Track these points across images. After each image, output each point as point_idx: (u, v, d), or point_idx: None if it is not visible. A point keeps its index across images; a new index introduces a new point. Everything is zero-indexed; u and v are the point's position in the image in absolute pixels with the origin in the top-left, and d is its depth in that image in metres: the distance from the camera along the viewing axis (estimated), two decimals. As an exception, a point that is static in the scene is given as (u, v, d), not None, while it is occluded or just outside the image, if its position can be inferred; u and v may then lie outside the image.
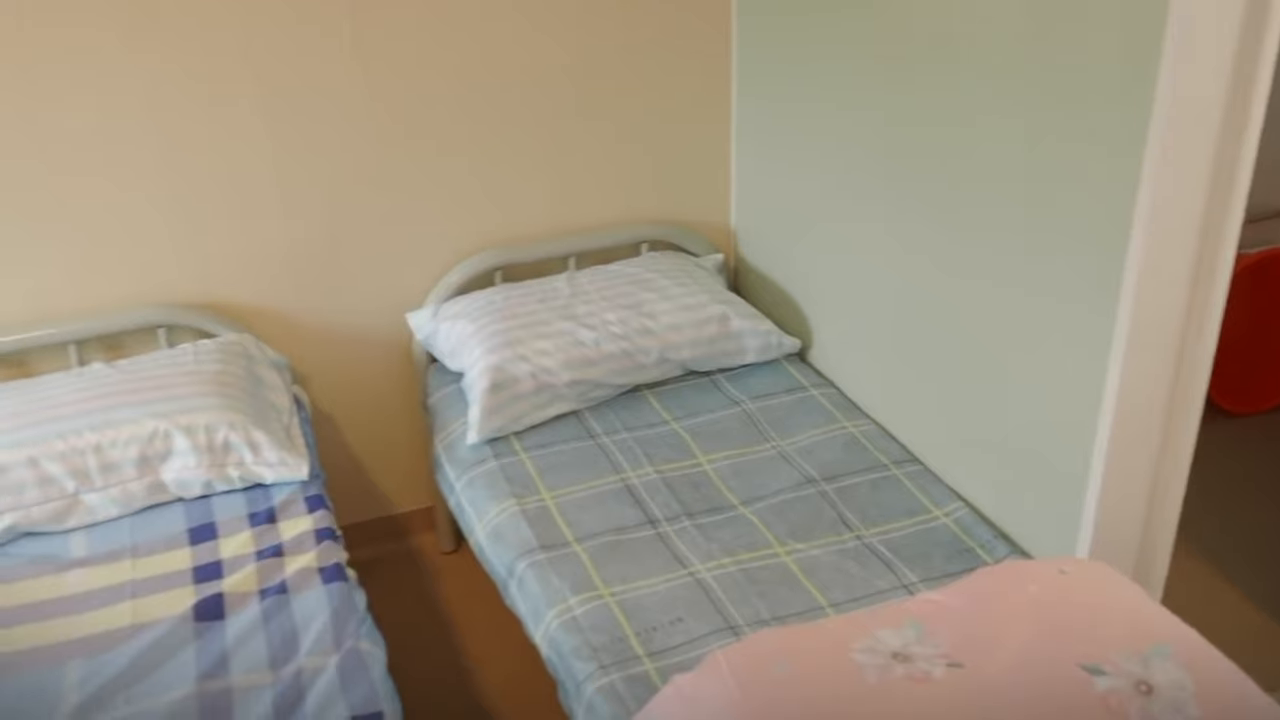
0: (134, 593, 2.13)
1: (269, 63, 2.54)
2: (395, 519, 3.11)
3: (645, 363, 2.66)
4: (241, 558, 2.20)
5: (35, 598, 2.13)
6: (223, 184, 2.60)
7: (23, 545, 2.27)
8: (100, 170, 2.50)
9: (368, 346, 2.89)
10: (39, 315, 2.57)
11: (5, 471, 2.25)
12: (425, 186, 2.77)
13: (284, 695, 1.88)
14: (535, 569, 2.17)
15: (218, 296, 2.70)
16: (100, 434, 2.32)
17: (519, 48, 2.73)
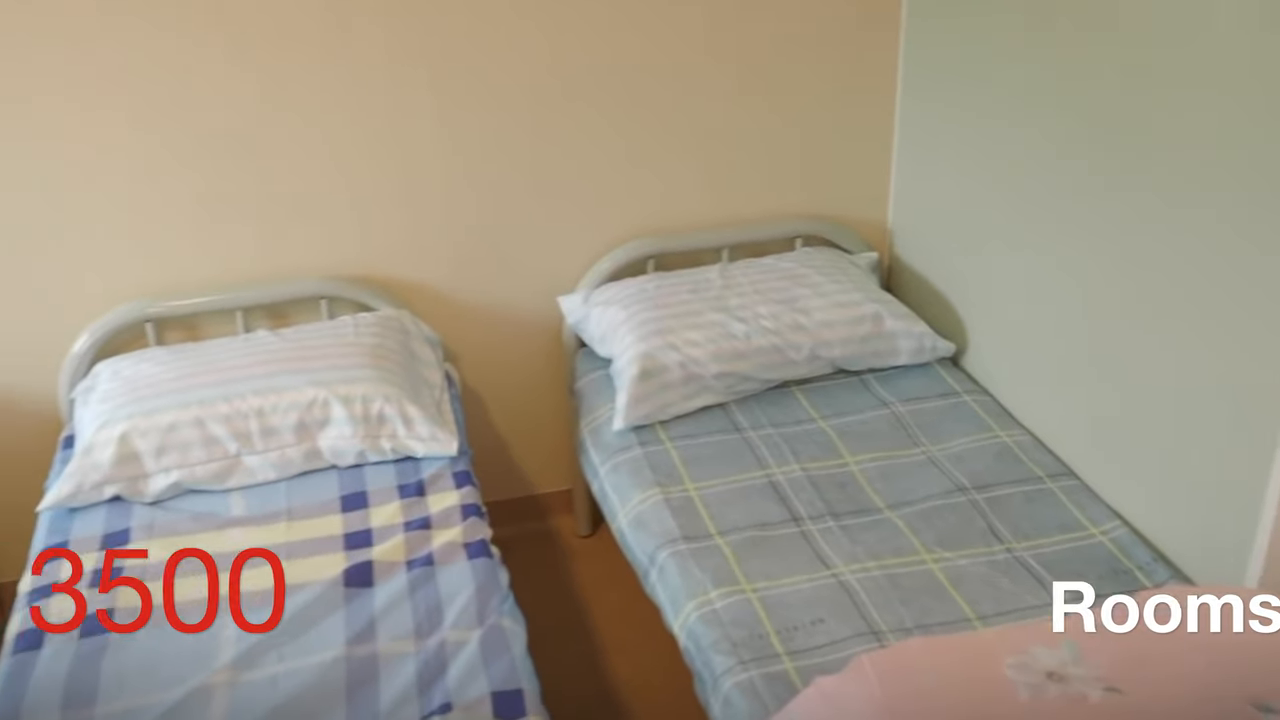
0: (288, 554, 2.20)
1: (442, 49, 2.58)
2: (534, 499, 3.15)
3: (795, 359, 2.63)
4: (390, 528, 2.25)
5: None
6: (392, 164, 2.66)
7: (187, 501, 2.36)
8: (278, 148, 2.59)
9: (518, 328, 2.92)
10: (211, 282, 2.67)
11: (174, 430, 2.34)
12: (583, 172, 2.79)
13: (427, 665, 1.92)
14: (677, 559, 2.17)
15: (378, 271, 2.76)
16: (263, 399, 2.39)
17: (684, 33, 2.72)
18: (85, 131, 2.48)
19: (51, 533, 2.28)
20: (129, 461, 2.32)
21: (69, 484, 2.31)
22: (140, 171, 2.54)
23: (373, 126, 2.62)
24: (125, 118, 2.48)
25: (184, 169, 2.56)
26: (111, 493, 2.33)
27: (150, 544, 2.23)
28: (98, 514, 2.31)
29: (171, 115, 2.50)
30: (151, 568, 2.16)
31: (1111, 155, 2.19)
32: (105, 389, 2.47)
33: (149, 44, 2.44)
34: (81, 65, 2.42)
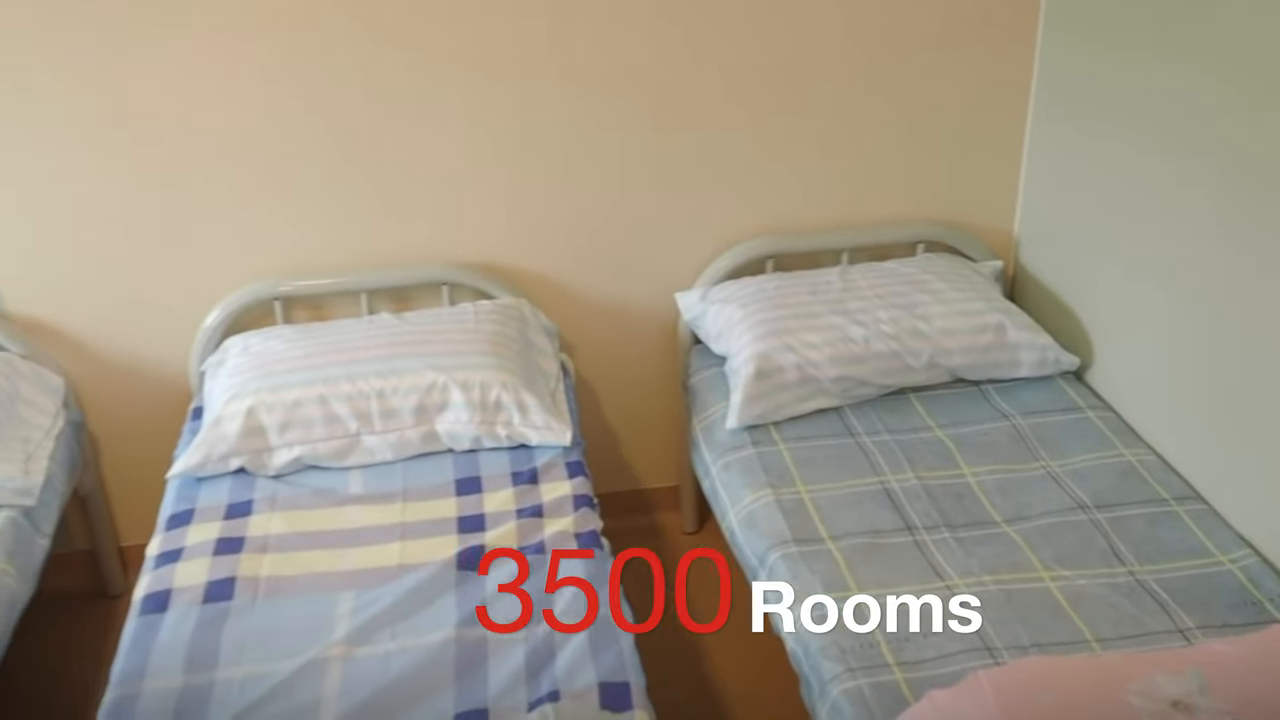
0: (403, 534, 2.24)
1: (572, 42, 2.60)
2: (642, 494, 3.16)
3: (914, 365, 2.59)
4: (503, 514, 2.28)
5: (316, 527, 2.26)
6: (518, 155, 2.69)
7: (307, 477, 2.41)
8: (407, 137, 2.63)
9: (633, 321, 2.93)
10: (337, 264, 2.73)
11: (299, 407, 2.40)
12: (706, 168, 2.78)
13: (536, 653, 1.93)
14: (787, 561, 2.15)
15: (499, 260, 2.80)
16: (384, 380, 2.44)
17: (815, 29, 2.69)
18: (226, 116, 2.55)
19: (179, 500, 2.36)
20: (254, 435, 2.39)
21: (197, 454, 2.39)
22: (275, 155, 2.61)
23: (500, 117, 2.65)
24: (264, 103, 2.55)
25: (317, 154, 2.62)
26: (237, 464, 2.40)
27: (272, 516, 2.29)
28: (223, 484, 2.38)
29: (309, 102, 2.56)
30: (273, 540, 2.22)
31: (1250, 181, 2.11)
32: (234, 363, 2.54)
33: (288, 31, 2.50)
34: (221, 51, 2.49)
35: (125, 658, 1.97)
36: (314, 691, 1.86)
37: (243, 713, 1.82)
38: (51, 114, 2.48)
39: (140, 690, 1.89)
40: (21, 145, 2.50)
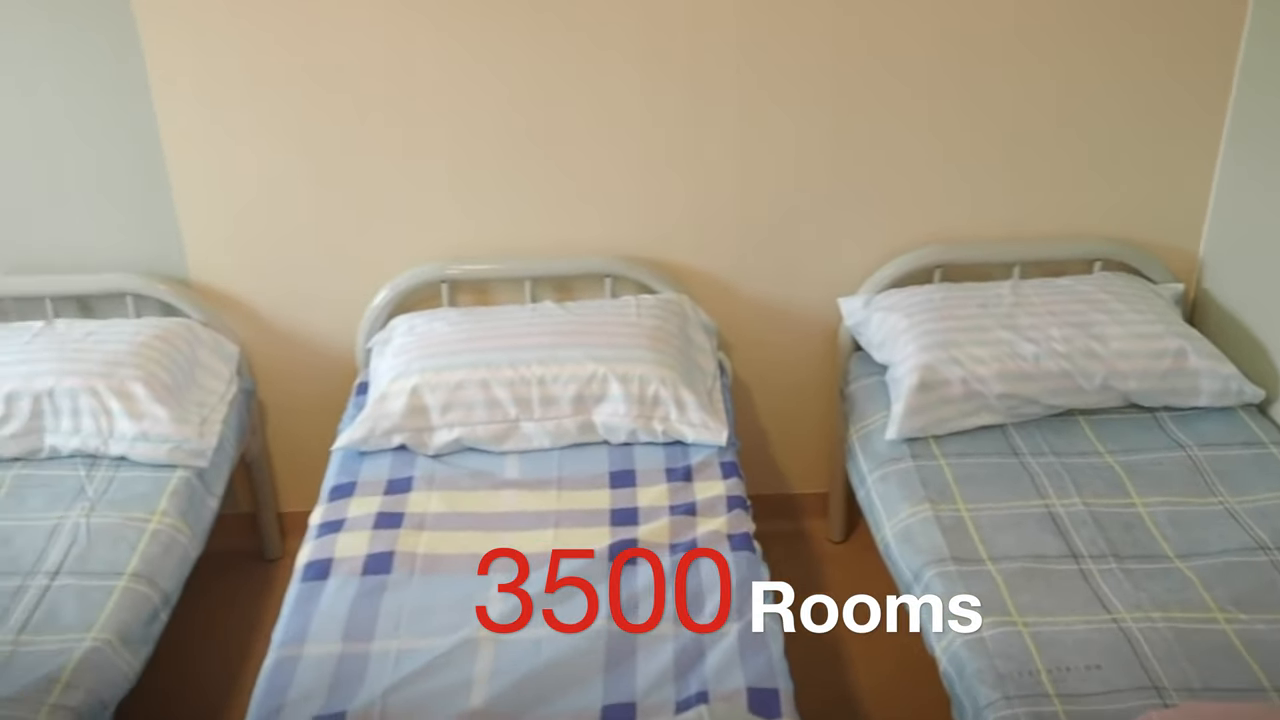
0: (557, 522, 2.25)
1: (753, 42, 2.57)
2: (790, 498, 3.13)
3: (1086, 387, 2.49)
4: (656, 509, 2.27)
5: (472, 508, 2.30)
6: (690, 151, 2.68)
7: (465, 458, 2.45)
8: (579, 127, 2.64)
9: (793, 324, 2.90)
10: (503, 250, 2.76)
11: (461, 389, 2.44)
12: (877, 172, 2.73)
13: (685, 651, 1.92)
14: (944, 580, 2.09)
15: (663, 254, 2.79)
16: (545, 368, 2.46)
17: (994, 35, 2.61)
18: (410, 101, 2.61)
19: (342, 472, 2.42)
20: (417, 414, 2.44)
21: (361, 429, 2.45)
22: (454, 142, 2.65)
23: (675, 113, 2.64)
24: (447, 90, 2.60)
25: (494, 142, 2.65)
26: (399, 441, 2.45)
27: (430, 495, 2.33)
28: (384, 460, 2.44)
29: (490, 91, 2.60)
30: (430, 518, 2.26)
31: None
32: (400, 342, 2.60)
33: (477, 20, 2.54)
34: (411, 38, 2.54)
35: (287, 622, 2.03)
36: (465, 671, 1.89)
37: (396, 685, 1.86)
38: (242, 95, 2.58)
39: (300, 654, 1.94)
40: (213, 122, 2.60)
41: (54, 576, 2.13)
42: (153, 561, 2.20)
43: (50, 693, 1.88)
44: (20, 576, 2.13)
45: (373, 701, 1.83)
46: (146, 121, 2.59)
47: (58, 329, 2.63)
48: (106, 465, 2.43)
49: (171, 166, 2.64)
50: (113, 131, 2.60)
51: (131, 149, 2.62)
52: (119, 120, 2.59)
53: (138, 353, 2.53)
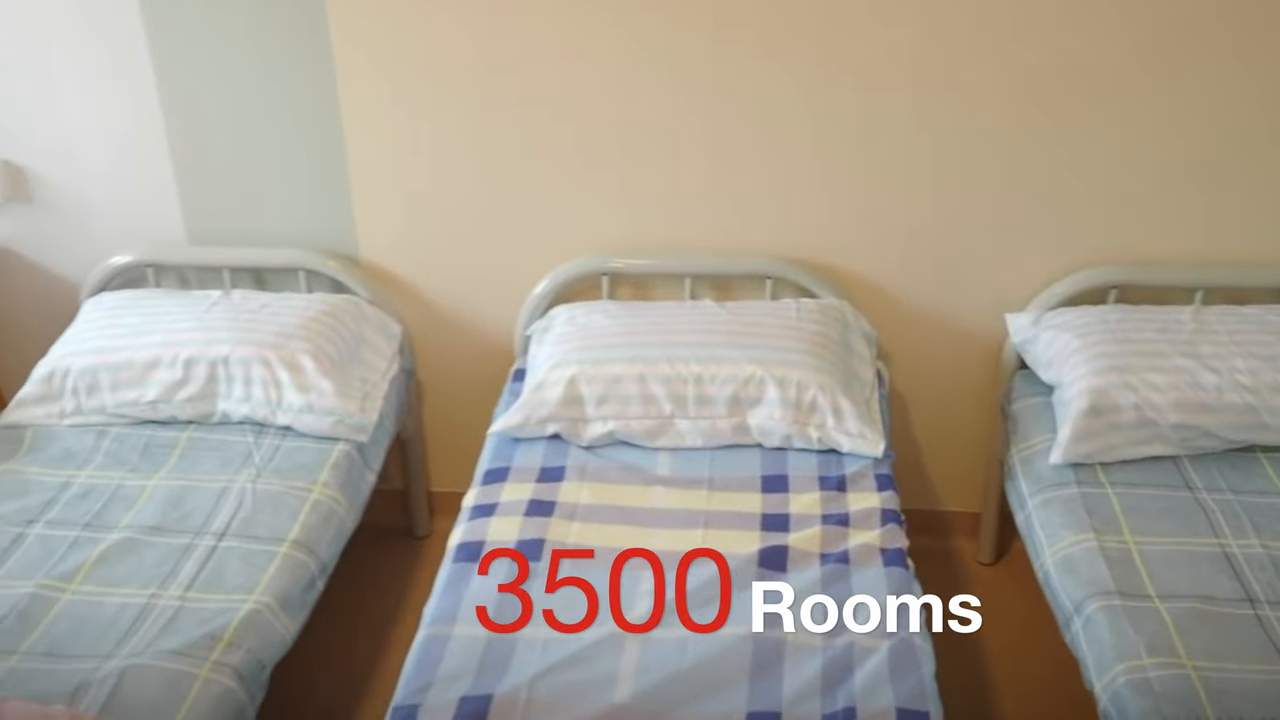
0: (706, 522, 2.24)
1: (932, 53, 2.51)
2: (939, 515, 3.05)
3: (1271, 424, 2.36)
4: (808, 517, 2.24)
5: (622, 502, 2.30)
6: (860, 156, 2.63)
7: (617, 451, 2.46)
8: (748, 128, 2.62)
9: (955, 337, 2.82)
10: (665, 245, 2.76)
11: (618, 382, 2.45)
12: (1053, 185, 2.63)
13: (833, 663, 1.89)
14: (1108, 614, 2.01)
15: (825, 259, 2.75)
16: (703, 367, 2.45)
17: (1185, 48, 2.48)
18: (581, 93, 2.61)
19: (496, 456, 2.45)
20: (573, 404, 2.45)
21: (518, 415, 2.47)
22: (623, 134, 2.65)
23: (848, 117, 2.59)
24: (618, 83, 2.60)
25: (662, 137, 2.65)
26: (553, 430, 2.47)
27: (581, 486, 2.34)
28: (538, 448, 2.46)
29: (662, 86, 2.59)
30: (581, 509, 2.27)
31: None
32: (560, 332, 2.62)
33: (654, 14, 2.53)
34: (586, 29, 2.55)
35: (438, 600, 2.06)
36: (611, 665, 1.89)
37: (543, 673, 1.87)
38: (421, 81, 2.62)
39: (450, 634, 1.97)
40: (392, 107, 2.66)
41: (220, 538, 2.21)
42: (312, 530, 2.27)
43: (214, 649, 1.95)
44: (190, 535, 2.22)
45: (519, 687, 1.84)
46: (330, 103, 2.66)
47: (234, 299, 2.72)
48: (273, 434, 2.51)
49: (350, 149, 2.71)
50: (298, 113, 2.68)
51: (315, 131, 2.70)
52: (304, 102, 2.67)
53: (307, 327, 2.60)
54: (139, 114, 2.72)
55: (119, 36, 2.63)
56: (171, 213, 2.82)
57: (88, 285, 2.86)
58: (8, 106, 2.74)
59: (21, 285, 2.96)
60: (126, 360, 2.53)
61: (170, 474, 2.39)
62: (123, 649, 1.95)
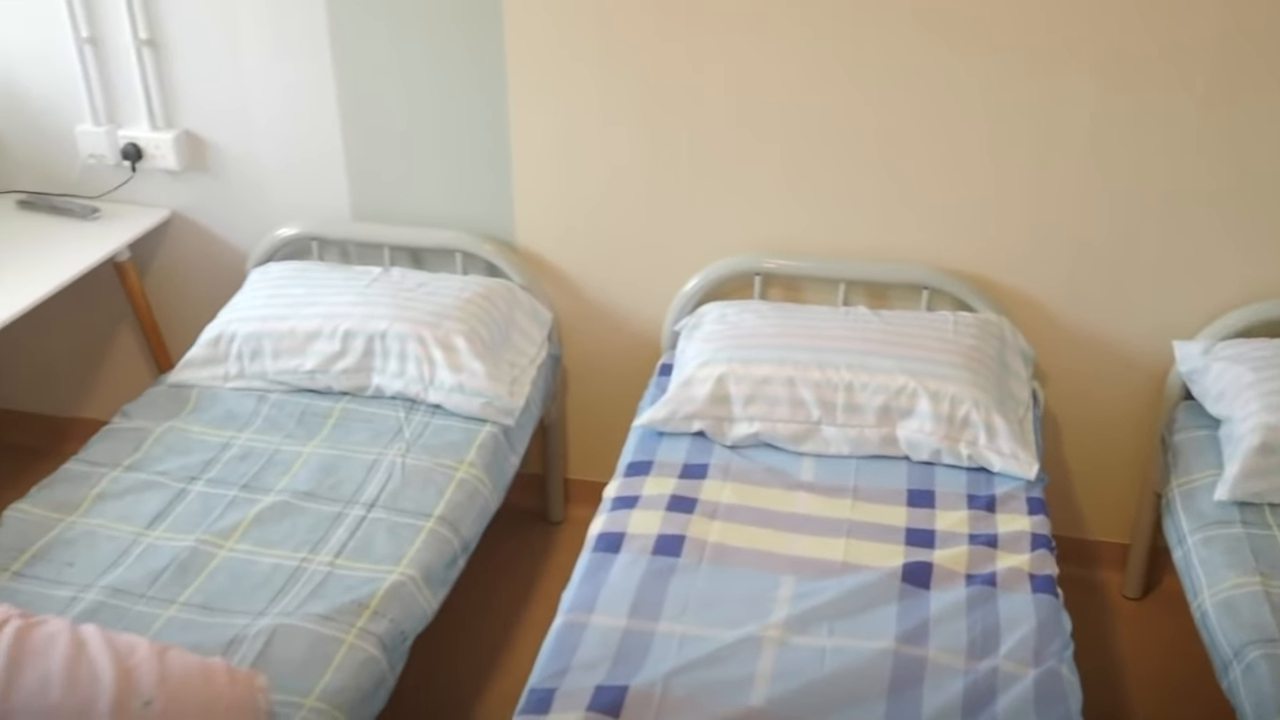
0: (849, 532, 2.21)
1: (1110, 50, 2.42)
2: (1084, 544, 2.95)
3: None
4: (954, 535, 2.19)
5: (764, 505, 2.28)
6: (1029, 169, 2.55)
7: (761, 453, 2.44)
8: (911, 133, 2.57)
9: (1115, 360, 2.72)
10: (820, 248, 2.72)
11: (766, 383, 2.43)
12: (1241, 207, 2.49)
13: (975, 687, 1.84)
14: (1271, 663, 1.91)
15: (984, 270, 2.68)
16: (854, 374, 2.41)
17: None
18: (742, 93, 2.60)
19: (639, 449, 2.45)
20: (720, 403, 2.44)
21: (664, 410, 2.47)
22: (782, 135, 2.63)
23: (1018, 126, 2.52)
24: (780, 84, 2.58)
25: (821, 139, 2.61)
26: (698, 427, 2.46)
27: (724, 485, 2.33)
28: (682, 443, 2.46)
29: (822, 89, 2.56)
30: (722, 508, 2.26)
31: None
32: (710, 329, 2.61)
33: (816, 20, 2.50)
34: (746, 32, 2.53)
35: (577, 588, 2.07)
36: (747, 667, 1.88)
37: (678, 669, 1.87)
38: (589, 72, 2.64)
39: (588, 622, 1.98)
40: (558, 96, 2.68)
41: (370, 508, 2.26)
42: (457, 508, 2.30)
43: (360, 616, 1.99)
44: (341, 504, 2.28)
45: (655, 681, 1.84)
46: (499, 91, 2.70)
47: (393, 276, 2.79)
48: (423, 411, 2.56)
49: (515, 137, 2.74)
50: (468, 98, 2.73)
51: (482, 116, 2.74)
52: (474, 87, 2.71)
53: (463, 308, 2.64)
54: (314, 92, 2.80)
55: (301, 16, 2.72)
56: (338, 188, 2.90)
57: (255, 254, 2.96)
58: (194, 80, 2.85)
59: (193, 250, 3.08)
60: (289, 329, 2.61)
61: (324, 443, 2.46)
62: (274, 608, 2.02)
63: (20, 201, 3.02)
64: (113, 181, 3.01)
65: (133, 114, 2.92)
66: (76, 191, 3.04)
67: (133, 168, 2.96)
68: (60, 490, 2.31)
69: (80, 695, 1.55)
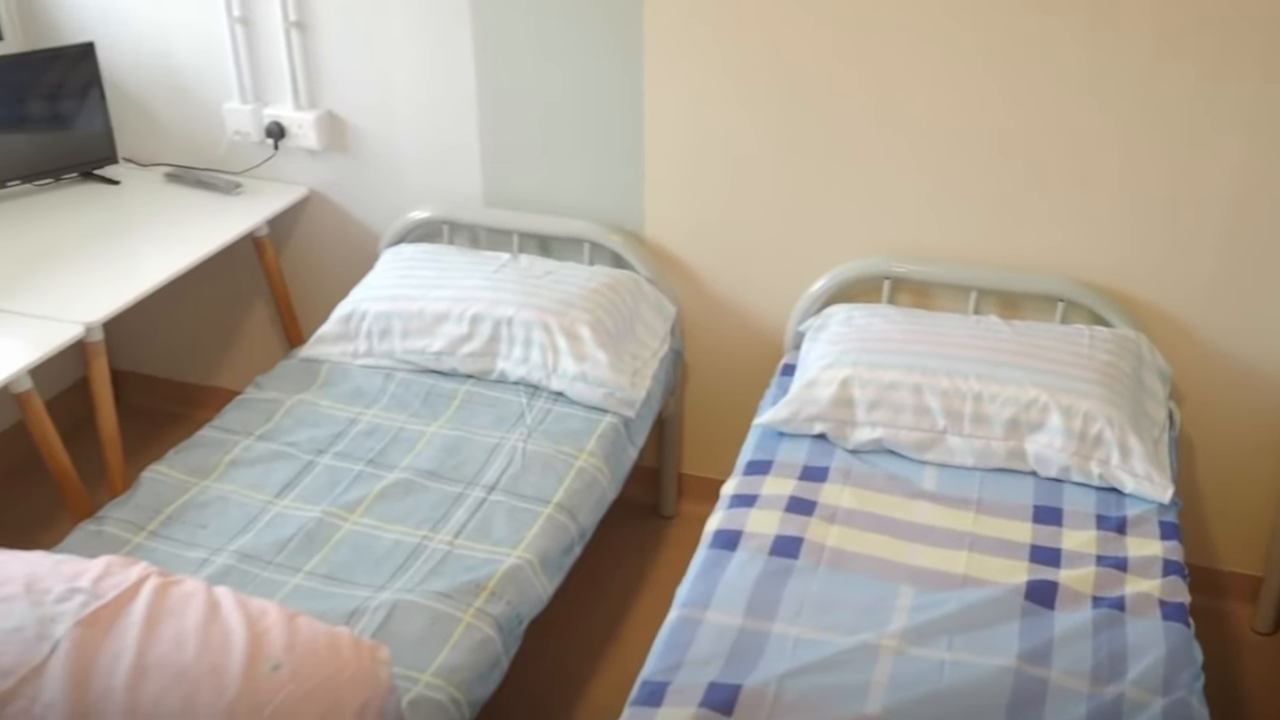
0: (971, 545, 2.16)
1: (1269, 74, 2.33)
2: (1214, 573, 2.84)
3: None
4: (1081, 555, 2.13)
5: (884, 512, 2.25)
6: (1174, 174, 2.46)
7: (883, 459, 2.40)
8: (1049, 140, 2.50)
9: (1257, 384, 2.61)
10: (951, 254, 2.67)
11: (892, 389, 2.39)
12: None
13: (1099, 712, 1.79)
14: None
15: (1123, 284, 2.60)
16: (984, 385, 2.36)
17: None
18: (877, 94, 2.56)
19: (759, 448, 2.44)
20: (843, 406, 2.41)
21: (786, 410, 2.45)
22: (916, 137, 2.59)
23: (1156, 134, 2.43)
24: (915, 85, 2.53)
25: (957, 141, 2.56)
26: (820, 429, 2.43)
27: (844, 489, 2.30)
28: (802, 445, 2.43)
29: (960, 89, 2.51)
30: (842, 512, 2.24)
31: None
32: (836, 331, 2.58)
33: (955, 23, 2.46)
34: (884, 32, 2.50)
35: (692, 584, 2.07)
36: (864, 674, 1.85)
37: (793, 672, 1.85)
38: (723, 70, 2.63)
39: (702, 619, 1.97)
40: (693, 93, 2.68)
41: (490, 491, 2.29)
42: (576, 496, 2.32)
43: (477, 597, 2.02)
44: (462, 485, 2.31)
45: (768, 682, 1.83)
46: (635, 85, 2.71)
47: (521, 263, 2.82)
48: (545, 398, 2.58)
49: (649, 131, 2.75)
50: (603, 90, 2.74)
51: (617, 109, 2.75)
52: (610, 80, 2.73)
53: (589, 297, 2.66)
54: (454, 79, 2.84)
55: (445, 4, 2.76)
56: (472, 174, 2.94)
57: (388, 235, 3.02)
58: (338, 63, 2.92)
59: (328, 229, 3.15)
60: (418, 310, 2.65)
61: (447, 423, 2.50)
62: (394, 583, 2.06)
63: (168, 174, 3.13)
64: (256, 158, 3.10)
65: (278, 93, 3.01)
66: (221, 167, 3.14)
67: (275, 146, 3.04)
68: (195, 455, 2.39)
69: (213, 655, 1.60)
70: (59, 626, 1.62)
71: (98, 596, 1.68)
